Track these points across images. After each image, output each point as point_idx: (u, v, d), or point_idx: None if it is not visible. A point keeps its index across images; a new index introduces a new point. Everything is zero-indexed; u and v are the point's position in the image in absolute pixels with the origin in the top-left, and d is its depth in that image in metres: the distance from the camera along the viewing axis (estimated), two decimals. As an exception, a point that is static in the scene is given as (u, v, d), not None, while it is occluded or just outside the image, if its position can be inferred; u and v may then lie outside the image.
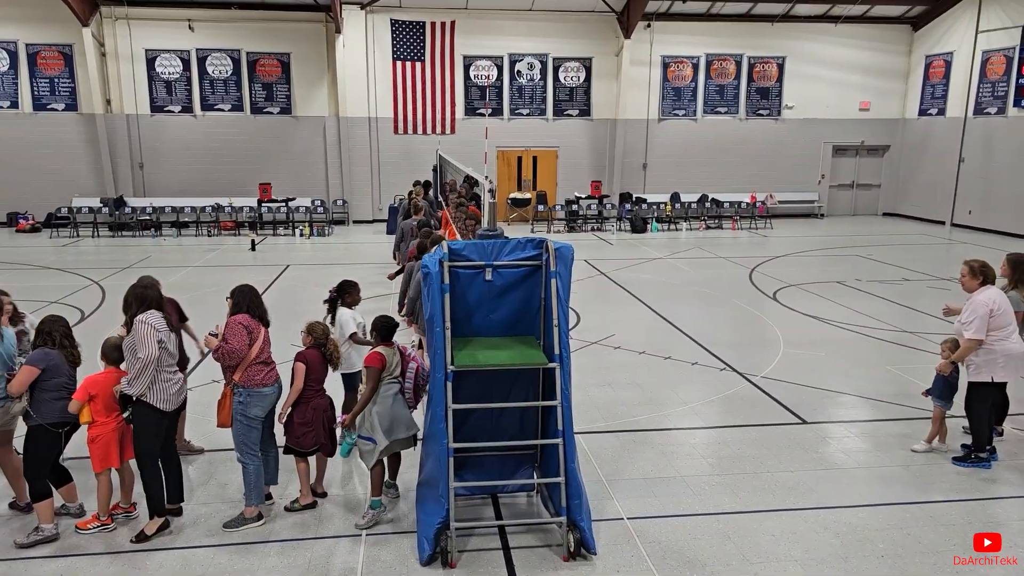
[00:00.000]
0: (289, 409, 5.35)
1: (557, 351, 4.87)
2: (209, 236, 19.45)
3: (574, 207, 21.41)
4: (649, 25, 21.68)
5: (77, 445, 5.42)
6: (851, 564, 4.84)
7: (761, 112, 23.00)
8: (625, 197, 22.03)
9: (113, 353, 5.19)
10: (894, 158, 23.88)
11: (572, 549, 4.83)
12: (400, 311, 7.75)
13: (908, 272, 14.63)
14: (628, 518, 5.37)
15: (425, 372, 5.49)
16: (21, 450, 5.17)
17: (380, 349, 5.28)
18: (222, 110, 20.83)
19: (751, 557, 4.90)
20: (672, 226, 21.42)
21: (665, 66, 22.32)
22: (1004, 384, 6.26)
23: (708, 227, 21.44)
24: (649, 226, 20.94)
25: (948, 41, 21.61)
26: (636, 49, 21.69)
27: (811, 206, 23.68)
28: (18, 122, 20.07)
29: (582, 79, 22.09)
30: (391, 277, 10.52)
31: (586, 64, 22.00)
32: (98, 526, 5.16)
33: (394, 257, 13.26)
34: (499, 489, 5.62)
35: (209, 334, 5.29)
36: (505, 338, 5.25)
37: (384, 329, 5.36)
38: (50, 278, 13.73)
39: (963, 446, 6.41)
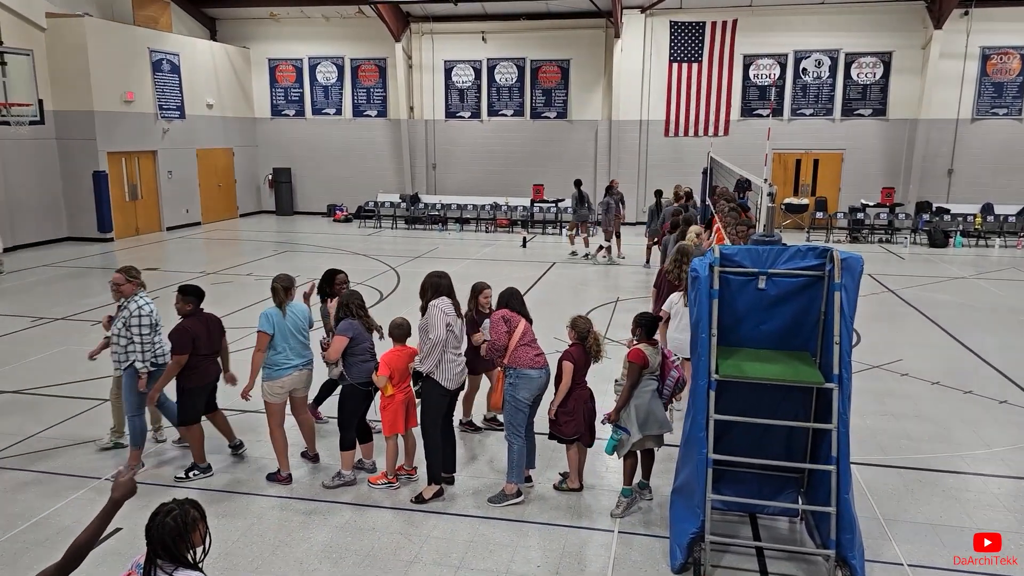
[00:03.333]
0: (557, 406, 5.59)
1: (836, 371, 4.50)
2: (486, 232, 21.00)
3: (859, 215, 19.53)
4: (967, 12, 18.99)
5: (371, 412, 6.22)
6: None
7: (1113, 109, 18.99)
8: (923, 206, 19.58)
9: (396, 331, 5.84)
10: None
11: (839, 586, 4.45)
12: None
13: None
14: (909, 564, 4.81)
15: (684, 384, 5.45)
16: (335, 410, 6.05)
17: (643, 347, 5.33)
18: (505, 115, 22.35)
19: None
20: (981, 241, 18.57)
21: (985, 58, 19.40)
22: None
23: (1029, 245, 18.25)
24: (952, 240, 18.39)
25: None
26: (948, 40, 19.12)
27: None
28: (340, 126, 23.44)
29: (878, 75, 20.04)
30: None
31: (884, 59, 19.92)
32: (385, 483, 5.87)
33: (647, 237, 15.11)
34: (759, 509, 5.35)
35: (479, 331, 5.93)
36: (776, 351, 4.97)
37: (647, 325, 5.42)
38: (357, 262, 15.82)
39: None
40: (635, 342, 5.47)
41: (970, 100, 19.63)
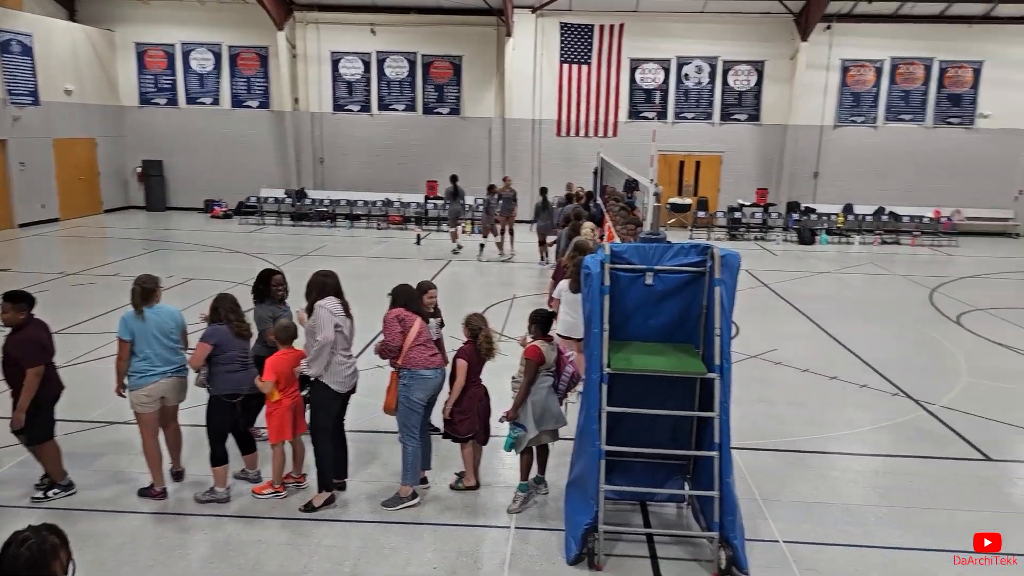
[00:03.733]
0: (452, 406, 5.54)
1: (718, 361, 4.73)
2: (379, 229, 20.62)
3: (737, 214, 20.63)
4: (829, 27, 20.43)
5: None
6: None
7: (951, 120, 21.00)
8: (793, 206, 20.92)
9: (282, 334, 5.60)
10: (1113, 174, 20.96)
11: (723, 566, 4.68)
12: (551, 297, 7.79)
13: None
14: (784, 541, 5.12)
15: (578, 379, 5.55)
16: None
17: (539, 344, 5.39)
18: (396, 110, 22.02)
19: (923, 601, 4.53)
20: (843, 239, 20.07)
21: (844, 70, 20.94)
22: None
23: (884, 242, 19.87)
24: (818, 238, 19.75)
25: None
26: (813, 52, 20.52)
27: (1005, 224, 21.28)
28: (218, 117, 22.30)
29: (752, 83, 21.23)
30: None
31: (758, 67, 21.12)
32: (272, 492, 5.63)
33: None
34: (649, 497, 5.54)
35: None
36: (663, 344, 5.16)
37: (542, 322, 5.48)
38: (239, 261, 15.14)
39: None
40: (530, 339, 5.52)
41: (832, 108, 21.14)
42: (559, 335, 6.90)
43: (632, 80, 21.31)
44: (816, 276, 15.02)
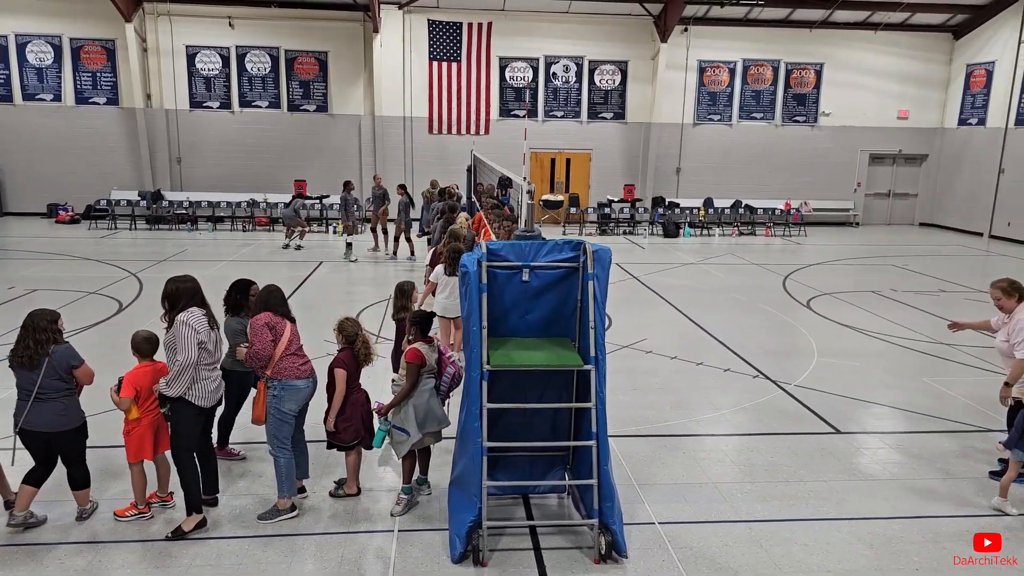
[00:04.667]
0: (334, 418, 5.36)
1: (593, 353, 4.86)
2: (244, 231, 19.72)
3: (607, 210, 21.34)
4: (686, 29, 21.55)
5: (108, 433, 5.50)
6: (886, 577, 4.77)
7: (797, 119, 22.73)
8: (658, 201, 21.92)
9: (144, 346, 5.19)
10: (932, 168, 23.44)
11: (603, 552, 4.82)
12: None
13: (945, 283, 14.35)
14: (659, 523, 5.34)
15: (460, 378, 5.53)
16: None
17: (419, 346, 5.32)
18: (259, 107, 21.12)
19: (783, 566, 4.85)
20: (705, 231, 21.25)
21: (701, 71, 22.16)
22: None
23: (741, 233, 21.25)
24: (682, 231, 20.80)
25: (990, 50, 21.15)
26: (672, 53, 21.56)
27: (846, 214, 23.34)
28: (60, 115, 20.54)
29: (617, 82, 22.02)
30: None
31: (621, 67, 21.93)
32: (135, 514, 5.24)
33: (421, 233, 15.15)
34: (531, 490, 5.63)
35: (241, 345, 5.40)
36: (540, 339, 5.25)
37: (422, 323, 5.42)
38: (89, 269, 14.01)
39: (1000, 460, 6.28)
40: (410, 340, 5.45)
41: (691, 107, 22.31)
42: (438, 316, 7.51)
43: (502, 78, 21.55)
44: (681, 267, 15.81)
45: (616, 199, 21.84)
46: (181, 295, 5.03)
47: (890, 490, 5.95)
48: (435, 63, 21.05)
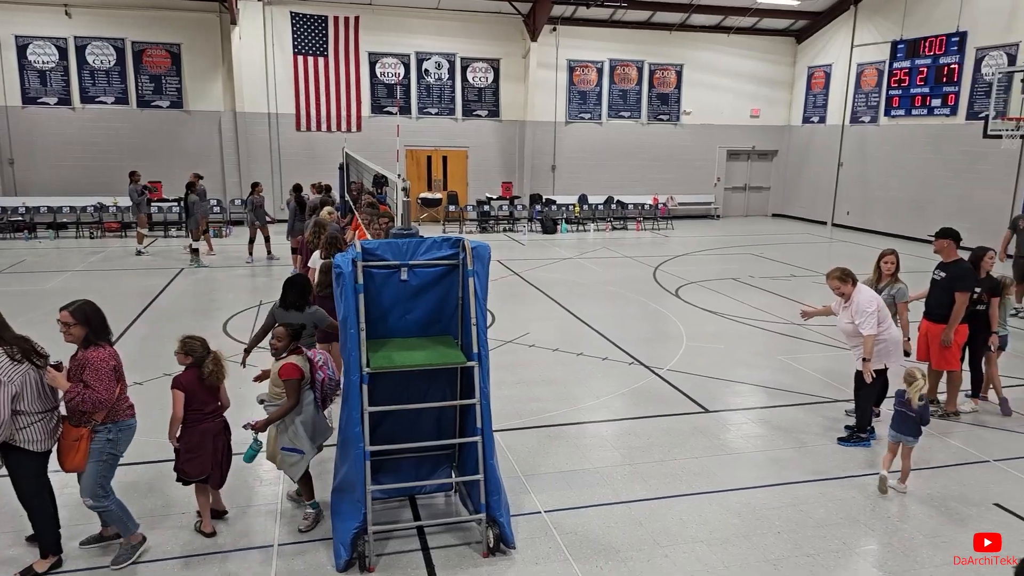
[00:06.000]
0: (175, 440, 4.91)
1: (476, 349, 4.87)
2: (92, 238, 18.28)
3: (485, 208, 21.47)
4: (555, 29, 22.01)
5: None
6: (752, 541, 5.10)
7: (661, 117, 23.80)
8: (535, 198, 22.29)
9: None
10: (781, 163, 25.27)
11: (491, 545, 4.85)
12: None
13: (795, 268, 15.52)
14: (545, 511, 5.44)
15: (332, 382, 5.35)
16: None
17: (293, 359, 5.09)
18: (104, 103, 19.59)
19: (661, 541, 5.08)
20: (580, 227, 21.84)
21: (571, 70, 22.72)
22: (885, 370, 6.75)
23: (614, 228, 22.01)
24: (559, 227, 21.28)
25: (827, 53, 23.05)
26: (543, 52, 21.97)
27: (708, 208, 24.70)
28: None
29: (490, 80, 22.18)
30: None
31: (494, 65, 22.11)
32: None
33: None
34: (417, 490, 5.56)
35: (50, 366, 4.46)
36: (422, 338, 5.20)
37: (293, 335, 5.18)
38: (-88, 282, 12.55)
39: (846, 427, 6.91)
40: (282, 356, 5.10)
41: (563, 105, 22.84)
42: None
43: (373, 74, 21.17)
44: (559, 262, 16.17)
45: (494, 196, 22.02)
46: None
47: (754, 462, 6.37)
48: (300, 57, 20.37)
